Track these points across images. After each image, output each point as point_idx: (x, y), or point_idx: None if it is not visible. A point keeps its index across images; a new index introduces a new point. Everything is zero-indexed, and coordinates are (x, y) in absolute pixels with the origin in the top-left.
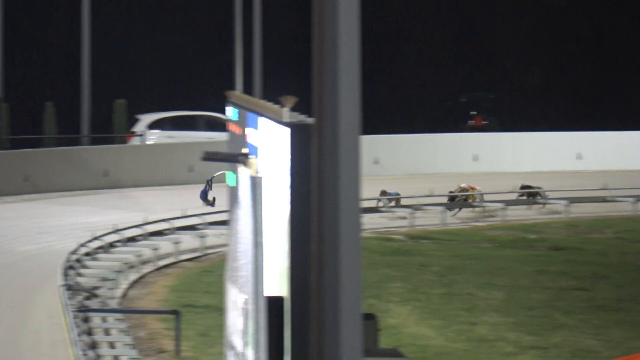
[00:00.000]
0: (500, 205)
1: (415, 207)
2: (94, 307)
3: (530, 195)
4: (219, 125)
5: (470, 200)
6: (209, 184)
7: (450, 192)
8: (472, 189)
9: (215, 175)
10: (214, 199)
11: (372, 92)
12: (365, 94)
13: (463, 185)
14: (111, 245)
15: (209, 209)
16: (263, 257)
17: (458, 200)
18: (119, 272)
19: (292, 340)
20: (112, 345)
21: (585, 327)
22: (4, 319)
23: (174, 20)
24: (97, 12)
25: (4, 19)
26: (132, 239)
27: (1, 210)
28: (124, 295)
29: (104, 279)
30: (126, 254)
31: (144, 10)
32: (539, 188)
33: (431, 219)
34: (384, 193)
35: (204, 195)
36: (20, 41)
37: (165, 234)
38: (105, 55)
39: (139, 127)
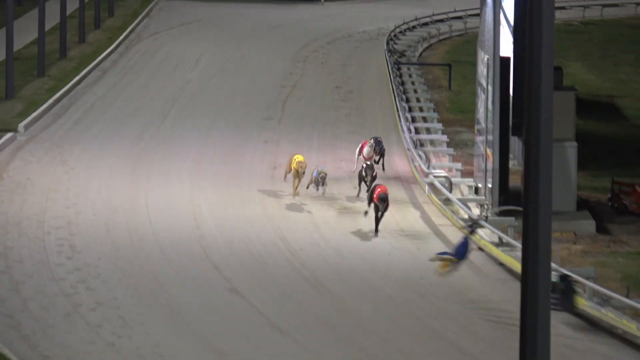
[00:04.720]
0: None
1: None
2: (403, 62)
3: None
4: None
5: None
6: (475, 227)
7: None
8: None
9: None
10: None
11: None
12: None
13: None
14: (413, 27)
15: (473, 8)
16: (499, 34)
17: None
18: (417, 42)
19: (514, 83)
20: (412, 83)
21: None
22: (353, 69)
23: None
24: None
25: None
26: (425, 24)
27: (349, 8)
28: (420, 55)
29: (409, 46)
30: (421, 32)
31: None
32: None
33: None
34: None
35: (464, 250)
36: None
37: (444, 21)
38: None
39: None
